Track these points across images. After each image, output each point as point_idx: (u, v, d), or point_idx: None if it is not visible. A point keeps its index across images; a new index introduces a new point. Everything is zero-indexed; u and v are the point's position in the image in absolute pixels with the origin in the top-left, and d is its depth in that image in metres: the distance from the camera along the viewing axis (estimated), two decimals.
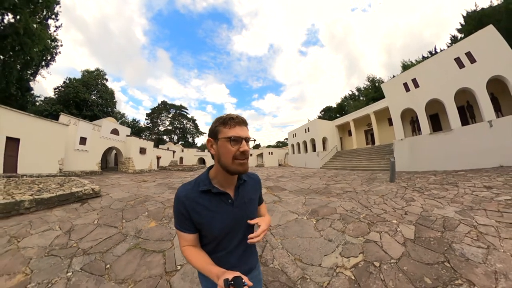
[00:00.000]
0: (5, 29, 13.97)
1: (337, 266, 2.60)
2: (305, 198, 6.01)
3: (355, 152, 20.60)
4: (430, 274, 2.30)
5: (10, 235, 3.83)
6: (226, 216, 0.91)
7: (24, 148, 10.93)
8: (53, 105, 25.59)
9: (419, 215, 3.99)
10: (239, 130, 0.87)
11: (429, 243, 2.91)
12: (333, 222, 4.06)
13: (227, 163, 0.86)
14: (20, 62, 16.22)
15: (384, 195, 5.67)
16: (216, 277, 0.76)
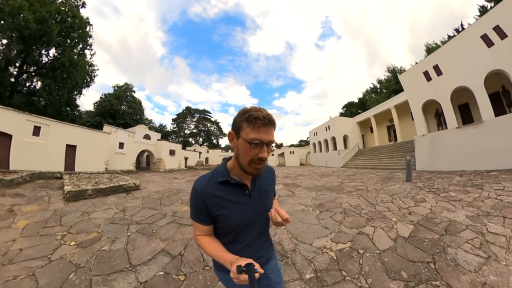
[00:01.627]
0: (54, 62, 17.68)
1: (325, 248, 3.08)
2: (316, 194, 6.39)
3: (376, 150, 19.98)
4: (409, 270, 2.39)
5: (81, 211, 5.26)
6: (244, 208, 0.91)
7: (79, 152, 13.74)
8: (93, 117, 30.39)
9: (424, 216, 3.93)
10: (263, 133, 0.82)
11: (421, 243, 2.95)
12: (335, 214, 4.44)
13: (243, 164, 0.85)
14: (68, 86, 20.01)
15: (395, 194, 5.66)
16: (230, 264, 0.76)
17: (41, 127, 11.99)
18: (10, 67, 17.36)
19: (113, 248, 3.33)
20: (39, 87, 19.34)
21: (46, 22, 15.11)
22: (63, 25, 17.08)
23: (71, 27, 17.83)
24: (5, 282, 2.51)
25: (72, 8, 18.47)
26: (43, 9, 15.06)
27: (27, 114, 11.63)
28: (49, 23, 15.32)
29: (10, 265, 2.88)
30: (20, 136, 11.01)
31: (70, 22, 17.65)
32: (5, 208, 5.17)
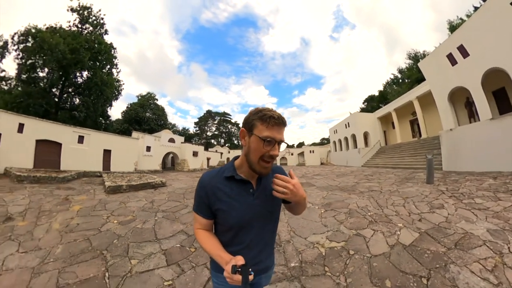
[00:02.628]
0: (88, 82, 21.71)
1: (318, 243, 3.19)
2: (327, 193, 6.35)
3: (399, 147, 18.37)
4: (396, 279, 2.23)
5: (119, 201, 6.30)
6: (245, 206, 0.89)
7: (114, 155, 15.87)
8: (121, 124, 33.84)
9: (436, 225, 3.46)
10: (276, 131, 0.83)
11: (421, 254, 2.65)
12: (338, 214, 4.38)
13: (253, 161, 0.84)
14: (101, 101, 24.15)
15: (409, 198, 5.14)
16: (225, 263, 0.76)
17: (84, 136, 14.66)
18: (54, 89, 21.44)
19: (144, 227, 4.28)
20: (78, 104, 23.39)
21: (78, 51, 18.84)
22: (92, 51, 20.90)
23: (98, 52, 21.72)
24: (69, 243, 3.48)
25: (98, 36, 22.31)
26: (74, 41, 18.75)
27: (73, 127, 14.30)
28: (81, 52, 19.01)
29: (71, 233, 3.89)
30: (68, 144, 13.60)
31: (98, 48, 21.53)
32: (62, 197, 6.50)
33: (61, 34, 18.43)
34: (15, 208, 5.09)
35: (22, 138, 11.65)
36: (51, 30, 18.63)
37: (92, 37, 21.47)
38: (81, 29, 21.43)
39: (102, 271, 2.77)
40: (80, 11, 20.82)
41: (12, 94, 19.43)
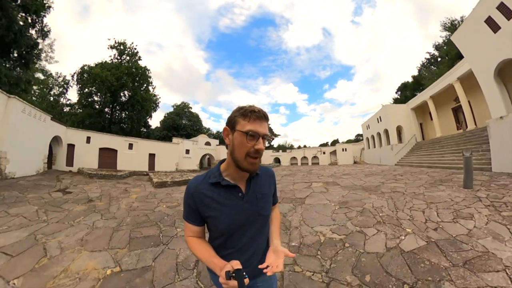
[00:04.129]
0: (130, 100, 26.30)
1: (320, 233, 3.49)
2: (347, 192, 6.30)
3: (438, 142, 15.66)
4: (376, 277, 2.26)
5: (166, 193, 7.51)
6: (235, 211, 0.86)
7: (158, 158, 18.27)
8: (161, 131, 37.85)
9: (452, 237, 2.98)
10: (258, 125, 0.82)
11: (417, 263, 2.45)
12: (350, 212, 4.43)
13: (239, 158, 0.82)
14: (143, 114, 28.68)
15: (434, 203, 4.56)
16: (219, 269, 0.75)
17: (133, 144, 17.61)
18: (106, 109, 26.73)
19: None
20: (124, 118, 28.39)
21: (121, 78, 23.93)
22: (132, 76, 25.77)
23: (136, 75, 26.45)
24: (134, 216, 4.66)
25: (134, 63, 27.25)
26: (118, 71, 23.89)
27: (124, 137, 17.55)
28: (123, 78, 24.11)
29: (134, 211, 5.13)
30: (121, 150, 16.70)
31: (135, 72, 26.34)
32: (122, 188, 8.20)
33: (107, 67, 23.81)
34: (93, 194, 6.76)
35: (89, 147, 15.08)
36: (100, 66, 24.19)
37: (130, 64, 26.59)
38: (120, 60, 26.92)
39: (158, 233, 3.80)
40: (117, 47, 26.61)
41: (78, 115, 25.21)
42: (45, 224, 4.09)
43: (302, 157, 36.09)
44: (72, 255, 2.97)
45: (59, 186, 8.09)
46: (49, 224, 4.10)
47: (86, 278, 2.45)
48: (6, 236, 3.45)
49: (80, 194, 6.91)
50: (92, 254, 3.01)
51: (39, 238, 3.46)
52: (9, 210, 4.75)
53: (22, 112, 9.63)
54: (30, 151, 10.19)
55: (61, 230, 3.80)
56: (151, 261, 2.85)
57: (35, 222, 4.17)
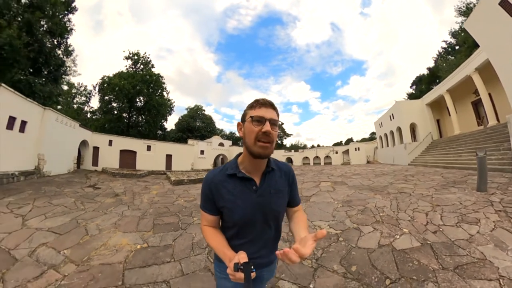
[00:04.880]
0: (146, 105, 28.22)
1: (318, 226, 3.80)
2: (353, 192, 6.34)
3: (456, 140, 14.44)
4: (361, 269, 2.40)
5: (183, 189, 8.10)
6: (248, 203, 0.89)
7: (174, 158, 19.26)
8: (176, 133, 39.55)
9: (450, 241, 2.87)
10: (264, 111, 0.86)
11: (404, 262, 2.47)
12: (351, 210, 4.54)
13: (250, 144, 0.85)
14: (159, 118, 30.73)
15: (440, 206, 4.37)
16: (228, 260, 0.77)
17: (151, 146, 18.88)
18: (124, 114, 28.87)
19: None
20: (142, 122, 30.37)
21: (137, 85, 25.94)
22: (146, 82, 27.72)
23: (150, 82, 28.31)
24: (156, 208, 5.26)
25: (148, 71, 29.19)
26: (134, 80, 26.04)
27: (143, 140, 18.92)
28: (139, 85, 26.09)
29: (155, 204, 5.74)
30: (140, 152, 17.98)
31: (150, 79, 28.21)
32: (143, 186, 8.95)
33: (124, 77, 26.16)
34: (118, 190, 7.53)
35: (111, 149, 16.45)
36: (118, 75, 26.57)
37: (144, 72, 28.72)
38: (135, 69, 29.26)
39: (177, 221, 4.34)
40: (132, 57, 28.94)
41: (100, 121, 27.77)
42: (83, 212, 4.79)
43: (315, 157, 35.74)
44: (108, 234, 3.58)
45: (89, 183, 9.03)
46: (87, 212, 4.80)
47: (121, 250, 3.02)
48: (53, 220, 4.14)
49: (107, 189, 7.72)
50: (124, 234, 3.60)
51: (80, 222, 4.11)
52: (51, 201, 5.54)
53: (56, 121, 10.99)
54: (62, 153, 11.51)
55: (97, 217, 4.46)
56: (171, 241, 3.38)
57: (75, 210, 4.88)
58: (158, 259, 2.83)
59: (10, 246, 3.03)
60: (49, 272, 2.48)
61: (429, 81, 29.27)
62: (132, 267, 2.63)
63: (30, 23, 11.34)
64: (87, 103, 31.30)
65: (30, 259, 2.75)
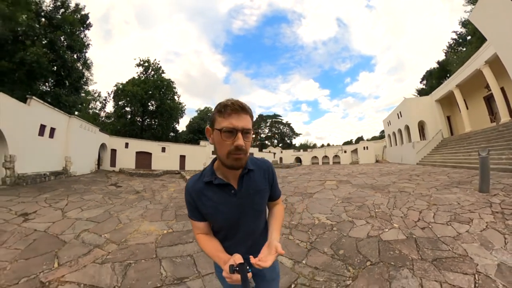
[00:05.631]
0: (158, 109, 29.35)
1: (317, 218, 4.14)
2: (355, 190, 6.56)
3: (466, 138, 13.80)
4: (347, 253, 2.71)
5: None
6: (229, 208, 0.88)
7: (187, 159, 20.08)
8: (187, 135, 40.93)
9: (436, 237, 2.96)
10: (235, 119, 0.75)
11: (387, 250, 2.70)
12: (349, 206, 4.83)
13: (221, 157, 0.80)
14: (171, 121, 32.06)
15: (437, 205, 4.37)
16: (223, 263, 0.77)
17: (166, 147, 19.80)
18: (137, 118, 30.14)
19: None
20: (155, 125, 31.59)
21: (149, 91, 27.39)
22: (158, 87, 29.00)
23: (162, 86, 29.64)
24: (175, 202, 5.76)
25: (159, 76, 30.56)
26: (146, 85, 27.37)
27: (157, 142, 19.92)
28: (151, 91, 27.51)
29: (174, 199, 6.26)
30: (155, 153, 18.87)
31: (161, 84, 29.51)
32: (160, 184, 9.57)
33: (136, 83, 27.69)
34: (138, 188, 8.16)
35: (127, 151, 17.39)
36: (131, 82, 28.06)
37: (155, 78, 30.15)
38: (147, 75, 30.68)
39: None
40: (143, 64, 30.39)
41: (115, 125, 29.27)
42: (112, 205, 5.37)
43: (323, 156, 35.51)
44: (138, 223, 4.09)
45: (110, 182, 9.72)
46: (115, 205, 5.37)
47: (151, 234, 3.51)
48: (89, 212, 4.70)
49: (128, 187, 8.33)
50: (151, 223, 4.09)
51: (112, 213, 4.66)
52: (83, 197, 6.17)
53: (79, 127, 12.05)
54: (85, 155, 12.51)
55: (125, 210, 5.00)
56: None
57: (105, 204, 5.47)
58: (183, 240, 3.31)
59: (57, 232, 3.57)
60: (95, 250, 2.98)
61: (440, 76, 27.34)
62: (162, 245, 3.13)
63: (52, 41, 12.91)
64: (102, 108, 32.90)
65: (76, 241, 3.28)
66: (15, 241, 3.15)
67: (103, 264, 2.62)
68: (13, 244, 3.05)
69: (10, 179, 7.54)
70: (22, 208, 4.84)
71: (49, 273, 2.39)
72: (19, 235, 3.38)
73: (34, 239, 3.26)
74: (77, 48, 15.16)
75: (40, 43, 12.28)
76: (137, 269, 2.51)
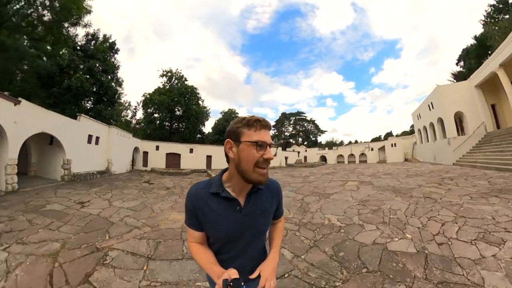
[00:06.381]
0: (185, 113, 31.79)
1: (328, 218, 4.19)
2: (375, 192, 6.30)
3: None
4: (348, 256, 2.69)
5: None
6: (231, 223, 0.86)
7: (213, 158, 21.40)
8: (213, 136, 43.04)
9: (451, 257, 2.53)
10: (265, 134, 0.79)
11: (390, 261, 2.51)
12: (364, 208, 4.70)
13: (247, 170, 0.79)
14: (198, 124, 34.54)
15: (465, 217, 3.76)
16: (217, 276, 0.76)
17: (193, 149, 21.47)
18: (166, 123, 32.96)
19: None
20: (182, 128, 34.17)
21: (175, 98, 29.81)
22: (183, 94, 31.46)
23: (186, 93, 32.20)
24: None
25: (182, 84, 33.08)
26: (171, 94, 29.89)
27: (186, 144, 21.80)
28: (176, 98, 29.89)
29: None
30: (184, 154, 20.56)
31: (185, 91, 31.98)
32: (188, 181, 10.49)
33: (162, 92, 30.52)
34: (168, 185, 9.10)
35: (158, 153, 19.31)
36: (157, 92, 31.00)
37: (180, 86, 32.79)
38: (171, 84, 33.46)
39: None
40: (166, 74, 33.19)
41: (145, 130, 32.47)
42: (146, 198, 6.20)
43: (349, 155, 33.86)
44: (168, 212, 4.74)
45: (143, 179, 10.94)
46: (149, 199, 6.18)
47: (178, 222, 4.09)
48: (128, 203, 5.55)
49: (159, 184, 9.32)
50: (179, 213, 4.70)
51: (147, 204, 5.44)
52: (123, 191, 7.19)
53: (117, 134, 13.95)
54: (122, 157, 14.44)
55: (157, 202, 5.76)
56: None
57: (140, 197, 6.32)
58: None
59: (106, 216, 4.40)
60: (134, 230, 3.66)
61: (478, 54, 22.21)
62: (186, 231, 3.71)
63: (90, 68, 16.01)
64: (133, 116, 37.03)
65: (121, 223, 4.02)
66: (76, 221, 4.02)
67: (140, 239, 3.25)
68: (75, 223, 3.92)
69: (67, 177, 9.23)
70: (78, 198, 5.95)
71: (102, 242, 3.10)
72: (78, 216, 4.28)
73: (90, 220, 4.11)
74: (110, 70, 18.27)
75: (81, 70, 15.35)
76: (165, 246, 3.07)
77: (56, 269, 2.41)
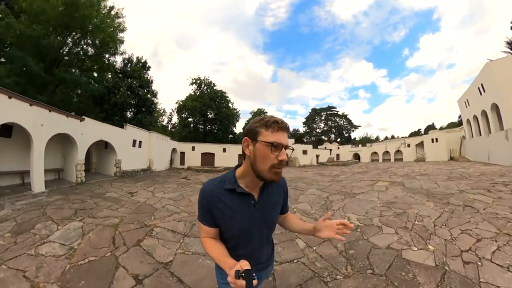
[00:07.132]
0: (217, 116, 34.03)
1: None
2: (403, 194, 5.86)
3: None
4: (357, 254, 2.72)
5: None
6: (246, 217, 0.89)
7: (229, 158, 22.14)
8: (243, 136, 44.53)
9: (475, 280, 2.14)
10: (282, 136, 0.81)
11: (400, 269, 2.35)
12: (388, 211, 4.50)
13: (262, 170, 0.81)
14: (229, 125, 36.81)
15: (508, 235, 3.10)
16: (229, 268, 0.77)
17: (226, 148, 22.89)
18: (200, 126, 35.49)
19: None
20: (215, 129, 36.42)
21: (206, 103, 32.20)
22: (213, 99, 33.78)
23: (216, 98, 34.48)
24: None
25: (212, 89, 35.83)
26: (203, 100, 32.39)
27: (219, 144, 23.35)
28: (207, 103, 32.31)
29: None
30: (218, 153, 22.13)
31: (215, 96, 34.34)
32: None
33: (194, 98, 33.20)
34: (204, 180, 9.93)
35: (194, 153, 21.05)
36: (189, 98, 33.82)
37: (209, 91, 35.47)
38: (201, 90, 36.18)
39: None
40: (195, 82, 35.40)
41: (181, 133, 35.03)
42: (184, 191, 6.95)
43: (384, 152, 30.84)
44: None
45: (181, 176, 12.03)
46: (187, 191, 6.91)
47: None
48: (169, 194, 6.31)
49: (196, 180, 10.17)
50: None
51: (185, 196, 6.13)
52: (164, 185, 8.11)
53: (156, 138, 15.70)
54: (161, 157, 16.29)
55: (194, 194, 6.41)
56: None
57: (179, 190, 7.08)
58: None
59: (151, 203, 5.16)
60: (174, 214, 4.25)
61: None
62: None
63: (130, 86, 19.57)
64: (169, 122, 40.87)
65: (163, 209, 4.68)
66: (128, 205, 4.89)
67: (179, 222, 3.81)
68: (128, 206, 4.80)
69: (119, 173, 11.01)
70: (128, 189, 7.01)
71: (149, 221, 3.77)
72: (130, 202, 5.18)
73: (139, 205, 4.95)
74: (145, 85, 21.76)
75: (123, 89, 18.96)
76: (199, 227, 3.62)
77: (117, 235, 3.13)
